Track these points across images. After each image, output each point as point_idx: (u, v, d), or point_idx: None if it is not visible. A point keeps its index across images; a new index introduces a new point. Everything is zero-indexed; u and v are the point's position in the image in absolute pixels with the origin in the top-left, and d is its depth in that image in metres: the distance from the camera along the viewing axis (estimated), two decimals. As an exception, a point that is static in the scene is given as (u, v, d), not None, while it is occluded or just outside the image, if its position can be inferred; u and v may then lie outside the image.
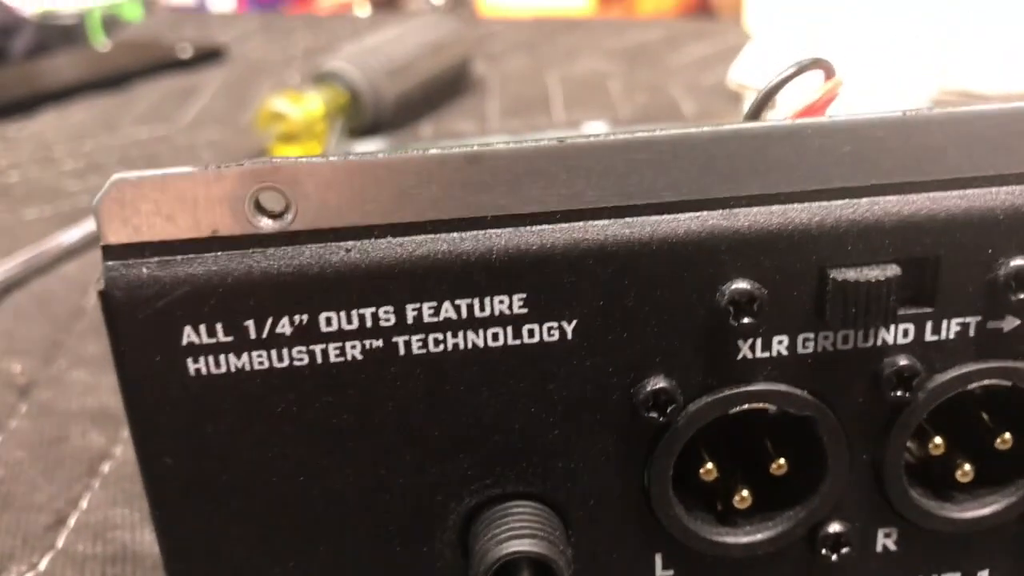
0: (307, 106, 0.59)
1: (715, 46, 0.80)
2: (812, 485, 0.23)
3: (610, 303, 0.20)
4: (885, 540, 0.23)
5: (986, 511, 0.23)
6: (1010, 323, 0.21)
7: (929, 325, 0.21)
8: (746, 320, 0.20)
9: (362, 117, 0.64)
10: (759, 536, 0.23)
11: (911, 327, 0.21)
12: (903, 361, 0.21)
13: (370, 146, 0.60)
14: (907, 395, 0.21)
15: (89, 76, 0.83)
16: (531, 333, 0.21)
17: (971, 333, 0.21)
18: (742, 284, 0.20)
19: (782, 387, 0.21)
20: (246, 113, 0.72)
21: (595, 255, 0.20)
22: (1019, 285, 0.21)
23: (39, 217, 0.57)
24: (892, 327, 0.21)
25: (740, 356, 0.21)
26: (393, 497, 0.22)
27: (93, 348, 0.42)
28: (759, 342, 0.21)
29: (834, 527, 0.23)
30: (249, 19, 1.10)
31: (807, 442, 0.22)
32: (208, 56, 0.89)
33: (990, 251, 0.21)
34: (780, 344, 0.21)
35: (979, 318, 0.21)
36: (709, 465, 0.22)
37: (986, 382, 0.22)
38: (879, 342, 0.21)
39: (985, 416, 0.23)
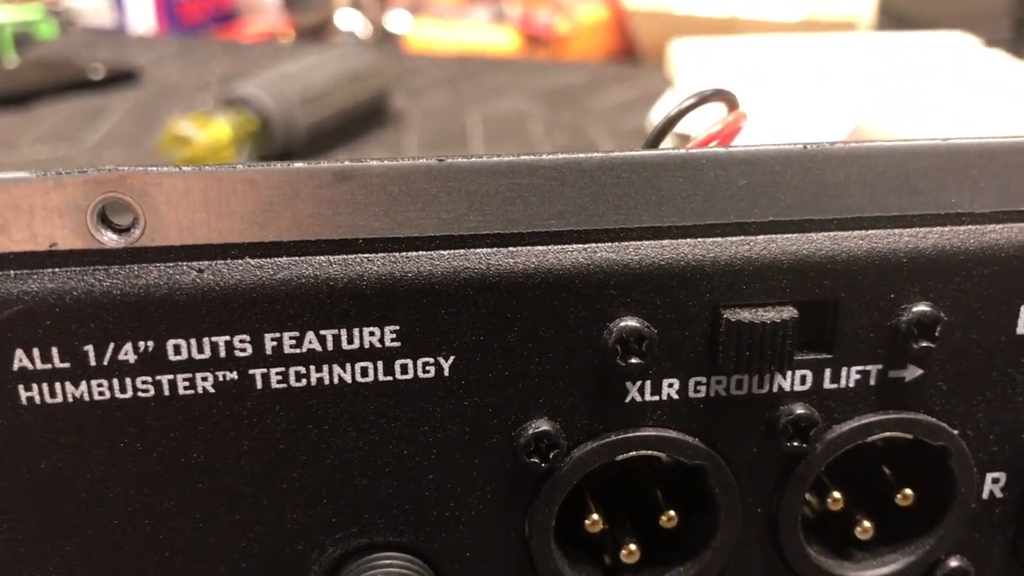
0: (213, 131, 0.57)
1: (636, 91, 0.80)
2: (704, 539, 0.21)
3: (491, 338, 0.19)
4: (780, 599, 0.22)
5: (885, 570, 0.22)
6: (912, 372, 0.21)
7: (827, 372, 0.20)
8: (634, 360, 0.19)
9: (272, 145, 0.62)
10: (646, 593, 0.21)
11: (808, 374, 0.20)
12: (800, 410, 0.20)
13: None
14: (804, 446, 0.20)
15: (-8, 92, 0.80)
16: (404, 369, 0.19)
17: (871, 382, 0.20)
18: (631, 322, 0.19)
19: (672, 434, 0.20)
20: (154, 136, 0.69)
21: (475, 286, 0.19)
22: (922, 333, 0.20)
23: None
24: (788, 373, 0.20)
25: (628, 399, 0.20)
26: (248, 545, 0.20)
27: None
28: (648, 385, 0.20)
29: (726, 585, 0.21)
30: (168, 43, 1.07)
31: (699, 493, 0.21)
32: (121, 78, 0.86)
33: (892, 296, 0.20)
34: (671, 387, 0.20)
35: (880, 366, 0.20)
36: (595, 516, 0.21)
37: (887, 434, 0.21)
38: (775, 388, 0.20)
39: (886, 470, 0.22)
